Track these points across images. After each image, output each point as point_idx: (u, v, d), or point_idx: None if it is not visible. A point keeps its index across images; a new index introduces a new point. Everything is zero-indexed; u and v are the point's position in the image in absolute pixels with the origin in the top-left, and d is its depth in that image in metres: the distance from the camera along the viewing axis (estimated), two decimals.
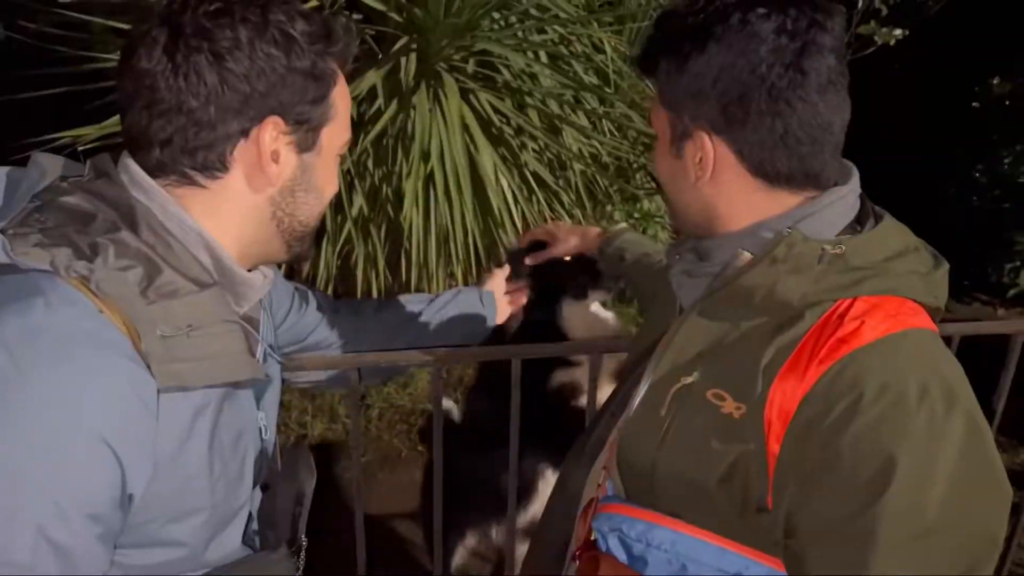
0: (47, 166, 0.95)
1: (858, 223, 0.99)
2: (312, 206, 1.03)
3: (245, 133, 0.93)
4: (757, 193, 0.97)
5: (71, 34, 2.85)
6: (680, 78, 0.96)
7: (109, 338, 0.83)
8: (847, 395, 0.85)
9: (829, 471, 0.86)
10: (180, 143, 0.91)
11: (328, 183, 1.04)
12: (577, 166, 3.16)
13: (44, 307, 0.81)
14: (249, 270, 1.02)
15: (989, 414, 1.26)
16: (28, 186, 0.93)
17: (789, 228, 0.94)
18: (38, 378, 0.78)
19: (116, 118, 2.80)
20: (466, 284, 2.98)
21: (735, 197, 0.98)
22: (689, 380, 0.97)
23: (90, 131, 2.68)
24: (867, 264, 0.93)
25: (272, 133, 0.94)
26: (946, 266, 0.99)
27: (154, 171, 0.93)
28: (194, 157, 0.93)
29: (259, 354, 1.07)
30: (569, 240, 1.80)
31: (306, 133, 0.97)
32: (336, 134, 1.02)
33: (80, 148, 2.59)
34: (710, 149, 0.96)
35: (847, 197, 0.98)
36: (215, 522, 0.96)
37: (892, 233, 0.98)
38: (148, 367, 0.85)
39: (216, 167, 0.94)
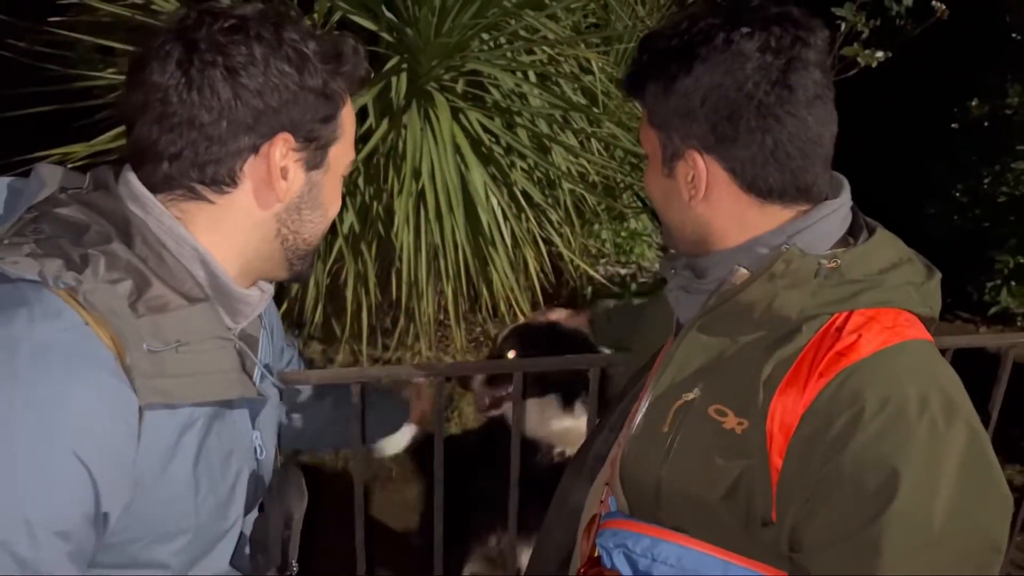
0: (47, 177, 0.94)
1: (851, 235, 1.01)
2: (316, 224, 1.03)
3: (255, 149, 0.93)
4: (750, 209, 0.98)
5: (57, 52, 2.85)
6: (668, 99, 0.97)
7: (91, 352, 0.82)
8: (848, 409, 0.86)
9: (833, 485, 0.86)
10: (190, 157, 0.91)
11: (332, 202, 1.04)
12: (566, 185, 3.18)
13: (26, 319, 0.80)
14: (248, 287, 1.02)
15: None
16: (27, 196, 0.92)
17: (785, 243, 0.95)
18: (14, 390, 0.77)
19: (106, 136, 2.80)
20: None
21: (728, 214, 0.99)
22: (690, 396, 0.98)
23: (79, 149, 2.67)
24: (862, 277, 0.94)
25: (282, 149, 0.94)
26: (939, 276, 1.00)
27: (160, 185, 0.93)
28: (204, 171, 0.92)
29: (256, 373, 1.06)
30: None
31: (315, 151, 0.98)
32: (343, 153, 1.02)
33: (69, 166, 2.58)
34: (702, 168, 0.97)
35: (839, 210, 0.99)
36: (200, 544, 0.95)
37: (886, 245, 0.99)
38: (132, 382, 0.83)
39: (225, 182, 0.94)
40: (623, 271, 4.12)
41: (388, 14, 2.65)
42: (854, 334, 0.90)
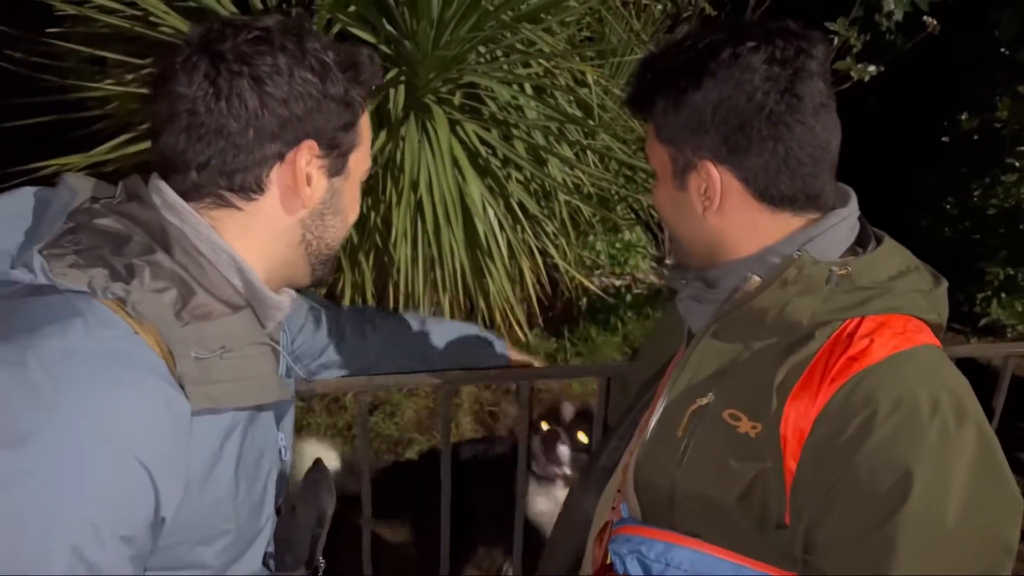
0: (77, 187, 0.95)
1: (859, 245, 1.03)
2: (338, 229, 1.05)
3: (281, 156, 0.95)
4: (762, 217, 1.00)
5: (54, 63, 2.85)
6: (678, 114, 0.99)
7: (146, 360, 0.83)
8: (861, 412, 0.88)
9: (847, 486, 0.88)
10: (218, 165, 0.93)
11: (352, 208, 1.06)
12: (562, 196, 3.20)
13: (83, 329, 0.81)
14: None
15: None
16: (59, 207, 0.93)
17: (797, 251, 0.97)
18: (77, 399, 0.78)
19: (104, 147, 2.80)
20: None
21: (741, 224, 1.01)
22: (705, 401, 0.99)
23: (77, 160, 2.67)
24: (873, 284, 0.96)
25: (307, 156, 0.96)
26: (945, 284, 1.03)
27: (189, 193, 0.94)
28: (231, 179, 0.94)
29: (281, 373, 1.07)
30: None
31: (337, 158, 1.00)
32: (361, 160, 1.04)
33: None
34: (716, 177, 0.99)
35: (848, 219, 1.02)
36: (239, 545, 0.96)
37: (894, 254, 1.02)
38: (183, 389, 0.85)
39: (252, 189, 0.95)
40: (618, 282, 4.14)
41: (387, 27, 2.66)
42: (866, 339, 0.92)
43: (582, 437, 1.95)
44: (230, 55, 0.91)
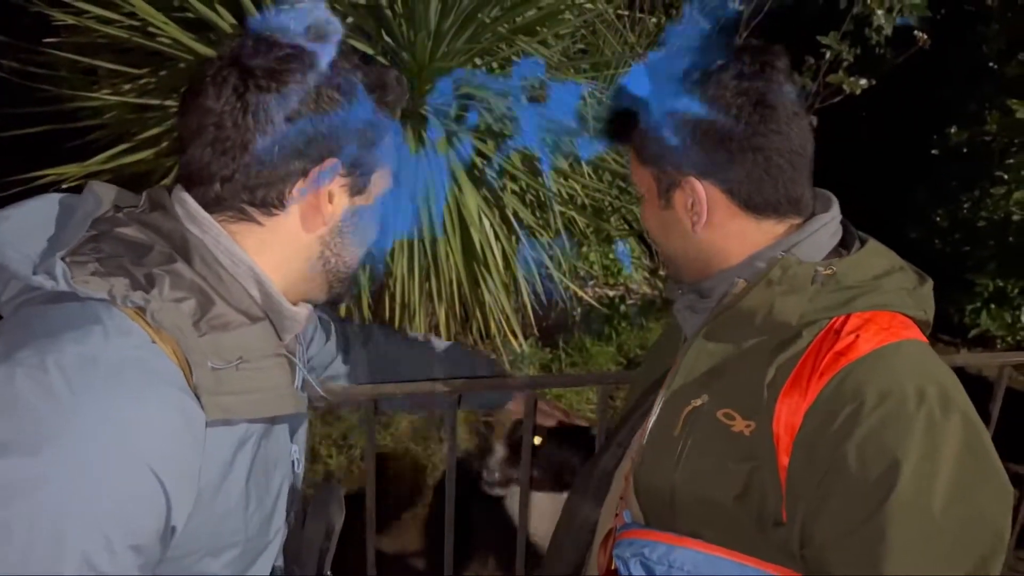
0: (103, 195, 0.96)
1: (843, 247, 1.06)
2: (357, 248, 1.05)
3: (304, 173, 0.95)
4: (748, 225, 1.03)
5: (52, 73, 2.86)
6: (659, 135, 1.02)
7: (163, 369, 0.84)
8: (849, 404, 0.90)
9: (837, 477, 0.89)
10: (242, 180, 0.93)
11: (372, 227, 1.06)
12: (557, 207, 3.22)
13: (102, 336, 0.81)
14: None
15: None
16: (84, 214, 0.93)
17: (782, 252, 1.01)
18: (93, 406, 0.78)
19: (100, 157, 2.81)
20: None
21: (729, 234, 1.04)
22: (699, 402, 1.01)
23: (74, 169, 2.67)
24: (858, 283, 0.99)
25: (330, 175, 0.96)
26: (930, 283, 1.05)
27: (211, 206, 0.94)
28: (254, 194, 0.94)
29: (297, 386, 1.07)
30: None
31: (359, 177, 1.00)
32: (384, 181, 1.05)
33: (64, 186, 2.58)
34: (702, 192, 1.02)
35: (830, 224, 1.05)
36: (247, 558, 0.96)
37: (879, 254, 1.05)
38: (198, 399, 0.85)
39: (274, 204, 0.95)
40: (611, 293, 4.17)
41: (385, 38, 2.68)
42: (852, 335, 0.94)
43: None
44: (259, 71, 0.91)
